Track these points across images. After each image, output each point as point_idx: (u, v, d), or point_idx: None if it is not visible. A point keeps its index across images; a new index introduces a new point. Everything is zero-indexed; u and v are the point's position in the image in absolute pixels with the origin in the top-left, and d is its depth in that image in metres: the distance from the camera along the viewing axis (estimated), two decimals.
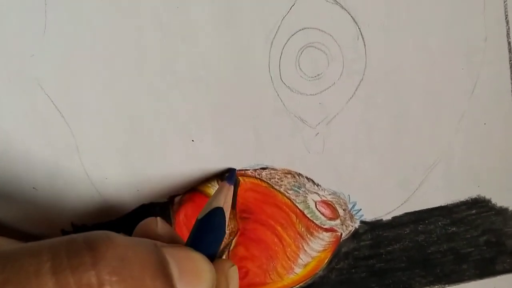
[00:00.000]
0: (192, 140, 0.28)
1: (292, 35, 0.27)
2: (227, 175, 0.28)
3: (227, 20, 0.27)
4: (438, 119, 0.29)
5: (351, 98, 0.28)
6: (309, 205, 0.30)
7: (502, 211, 0.31)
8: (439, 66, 0.28)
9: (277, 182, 0.30)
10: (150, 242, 0.19)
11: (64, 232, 0.30)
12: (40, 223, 0.30)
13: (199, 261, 0.20)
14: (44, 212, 0.29)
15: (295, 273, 0.31)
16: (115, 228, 0.29)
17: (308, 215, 0.30)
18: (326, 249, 0.31)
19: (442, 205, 0.30)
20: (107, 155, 0.28)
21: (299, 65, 0.27)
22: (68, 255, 0.17)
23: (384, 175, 0.30)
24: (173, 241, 0.23)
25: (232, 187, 0.27)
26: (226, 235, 0.30)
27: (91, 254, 0.17)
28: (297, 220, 0.30)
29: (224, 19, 0.26)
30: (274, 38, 0.27)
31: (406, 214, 0.30)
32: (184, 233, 0.30)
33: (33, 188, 0.29)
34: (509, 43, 0.28)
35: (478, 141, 0.29)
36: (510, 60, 0.28)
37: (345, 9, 0.26)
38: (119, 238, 0.18)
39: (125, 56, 0.27)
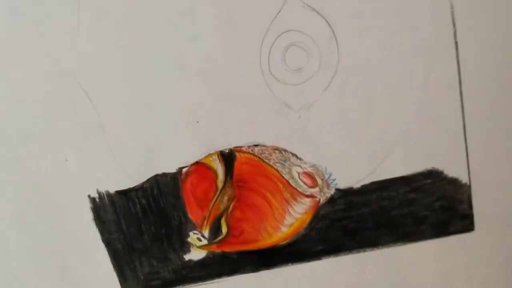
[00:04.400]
0: (197, 122, 0.35)
1: (279, 36, 0.33)
2: None
3: (227, 23, 0.33)
4: (398, 104, 0.35)
5: (327, 87, 0.34)
6: (293, 176, 0.36)
7: (453, 181, 0.37)
8: (399, 61, 0.34)
9: (267, 156, 0.36)
10: None
11: (90, 197, 0.36)
12: (70, 189, 0.36)
13: None
14: (74, 180, 0.36)
15: (282, 231, 0.37)
16: (135, 193, 0.36)
17: (293, 184, 0.36)
18: (307, 212, 0.37)
19: (403, 175, 0.36)
20: (127, 133, 0.35)
21: (284, 60, 0.33)
22: None
23: (355, 150, 0.36)
24: None
25: None
26: (225, 201, 0.37)
27: None
28: (284, 188, 0.36)
29: (224, 22, 0.33)
30: (264, 38, 0.33)
31: (373, 183, 0.37)
32: (190, 199, 0.36)
33: (66, 160, 0.35)
34: (456, 42, 0.34)
35: (431, 122, 0.35)
36: (457, 56, 0.34)
37: (321, 15, 0.33)
38: None
39: (142, 53, 0.33)
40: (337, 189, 0.37)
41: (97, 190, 0.36)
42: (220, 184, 0.36)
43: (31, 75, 0.33)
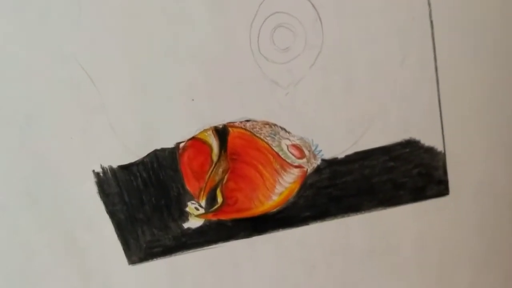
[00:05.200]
0: (192, 100, 0.37)
1: (267, 18, 0.35)
2: None
3: (217, 7, 0.35)
4: (378, 80, 0.38)
5: (312, 65, 0.37)
6: (282, 148, 0.39)
7: (429, 150, 0.40)
8: (378, 41, 0.36)
9: (258, 131, 0.39)
10: None
11: (94, 172, 0.39)
12: (75, 165, 0.38)
13: None
14: (78, 157, 0.38)
15: (272, 200, 0.40)
16: (136, 168, 0.38)
17: (282, 156, 0.39)
18: (296, 181, 0.40)
19: (383, 145, 0.40)
20: (127, 112, 0.37)
21: (273, 41, 0.36)
22: None
23: (339, 123, 0.39)
24: None
25: None
26: (220, 172, 0.39)
27: None
28: (274, 160, 0.39)
29: (215, 7, 0.35)
30: (253, 20, 0.35)
31: (355, 153, 0.40)
32: (188, 171, 0.39)
33: (70, 138, 0.37)
34: (431, 21, 0.37)
35: (409, 96, 0.38)
36: (432, 35, 0.37)
37: None
38: None
39: (139, 37, 0.35)
40: (323, 160, 0.40)
41: (101, 165, 0.38)
42: (215, 158, 0.39)
43: (35, 59, 0.35)
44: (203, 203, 0.40)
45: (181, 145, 0.38)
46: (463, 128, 0.40)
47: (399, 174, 0.41)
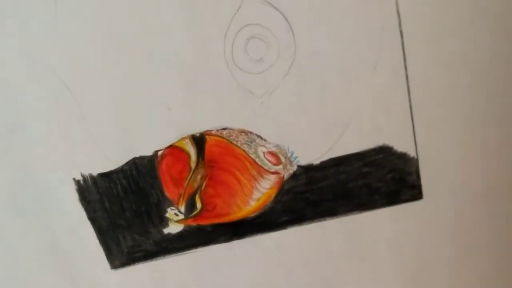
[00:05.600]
0: (170, 109, 0.38)
1: (240, 29, 0.36)
2: None
3: (193, 18, 0.36)
4: (350, 88, 0.39)
5: (286, 75, 0.38)
6: (259, 155, 0.40)
7: (403, 155, 0.41)
8: (349, 49, 0.37)
9: (234, 138, 0.40)
10: None
11: (75, 180, 0.40)
12: (57, 173, 0.39)
13: None
14: (60, 165, 0.39)
15: (250, 205, 0.41)
16: (116, 175, 0.39)
17: (259, 163, 0.40)
18: (272, 187, 0.41)
19: (357, 151, 0.41)
20: (106, 121, 0.38)
21: (246, 51, 0.37)
22: None
23: (313, 130, 0.40)
24: None
25: None
26: (198, 179, 0.40)
27: None
28: (251, 167, 0.40)
29: (189, 18, 0.36)
30: (227, 32, 0.36)
31: (331, 159, 0.40)
32: (167, 178, 0.40)
33: (51, 147, 0.38)
34: (400, 31, 0.38)
35: (381, 103, 0.39)
36: (402, 44, 0.38)
37: (278, 10, 0.36)
38: None
39: (116, 48, 0.36)
40: (299, 166, 0.41)
41: (81, 173, 0.39)
42: (193, 165, 0.40)
43: (12, 70, 0.36)
44: (182, 209, 0.41)
45: (160, 153, 0.39)
46: (435, 133, 0.41)
47: (374, 179, 0.42)
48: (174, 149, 0.39)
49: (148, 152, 0.39)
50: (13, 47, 0.35)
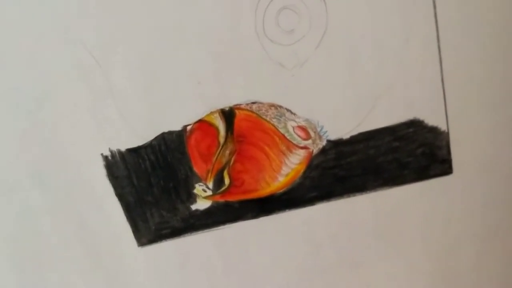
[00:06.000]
0: (199, 83, 0.38)
1: (272, 0, 0.36)
2: None
3: None
4: (381, 61, 0.38)
5: (317, 47, 0.37)
6: (288, 130, 0.40)
7: (433, 129, 0.41)
8: (382, 21, 0.37)
9: (264, 113, 0.39)
10: None
11: (103, 156, 0.39)
12: (84, 148, 0.39)
13: None
14: (88, 140, 0.39)
15: (279, 181, 0.41)
16: (144, 150, 0.39)
17: (288, 137, 0.40)
18: (301, 162, 0.41)
19: (387, 126, 0.40)
20: (134, 96, 0.37)
21: (278, 23, 0.36)
22: None
23: (343, 104, 0.39)
24: None
25: None
26: (226, 154, 0.40)
27: None
28: (280, 141, 0.40)
29: None
30: (258, 3, 0.36)
31: (360, 133, 0.40)
32: (195, 153, 0.40)
33: (79, 122, 0.38)
34: (433, 1, 0.37)
35: (412, 76, 0.39)
36: (435, 15, 0.37)
37: None
38: None
39: (146, 21, 0.36)
40: (328, 141, 0.40)
41: (109, 148, 0.39)
42: (221, 140, 0.40)
43: (42, 44, 0.36)
44: (210, 185, 0.41)
45: (188, 127, 0.39)
46: (467, 107, 0.40)
47: (404, 154, 0.41)
48: (203, 124, 0.39)
49: (177, 127, 0.39)
50: (39, 18, 0.35)
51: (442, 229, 0.44)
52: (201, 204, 0.41)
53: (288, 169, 0.40)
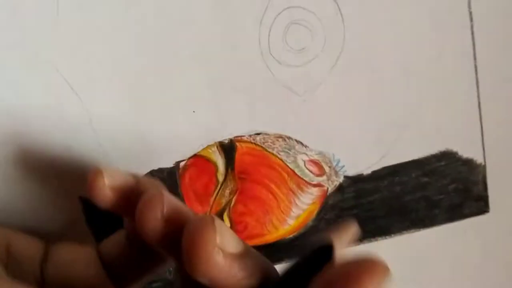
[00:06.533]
0: (193, 111, 0.32)
1: (279, 14, 0.30)
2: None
3: (222, 2, 0.30)
4: (408, 83, 0.33)
5: (332, 67, 0.32)
6: (298, 164, 0.34)
7: (468, 162, 0.35)
8: (409, 37, 0.31)
9: (270, 145, 0.33)
10: None
11: (81, 199, 0.33)
12: (59, 191, 0.33)
13: None
14: (63, 180, 0.33)
15: (288, 224, 0.35)
16: None
17: (298, 173, 0.34)
18: (315, 202, 0.35)
19: (415, 158, 0.35)
20: (118, 127, 0.32)
21: (286, 40, 0.31)
22: None
23: (364, 134, 0.34)
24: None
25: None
26: (226, 194, 0.34)
27: None
28: (289, 178, 0.34)
29: (219, 1, 0.30)
30: (263, 17, 0.30)
31: (384, 168, 0.34)
32: (190, 194, 0.34)
33: (54, 160, 0.32)
34: (470, 12, 0.32)
35: (444, 101, 0.33)
36: (472, 28, 0.32)
37: None
38: None
39: (131, 38, 0.30)
40: (345, 177, 0.34)
41: None
42: (220, 177, 0.34)
43: (10, 69, 0.30)
44: None
45: (182, 164, 0.33)
46: (506, 136, 0.35)
47: (434, 191, 0.36)
48: (198, 159, 0.33)
49: (168, 164, 0.33)
50: (12, 44, 0.29)
51: (476, 275, 0.39)
52: None
53: (299, 210, 0.35)
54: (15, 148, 0.31)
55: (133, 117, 0.32)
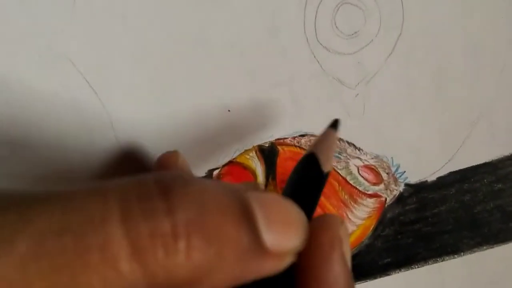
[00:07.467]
0: (229, 110, 0.27)
1: None
2: (332, 122, 0.23)
3: None
4: (478, 72, 0.28)
5: (390, 54, 0.27)
6: (351, 171, 0.29)
7: None
8: (478, 16, 0.27)
9: None
10: (231, 187, 0.17)
11: None
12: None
13: (290, 209, 0.17)
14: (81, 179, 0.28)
15: None
16: None
17: (351, 182, 0.29)
18: (370, 216, 0.30)
19: (487, 161, 0.30)
20: (142, 130, 0.27)
21: (335, 24, 0.27)
22: (140, 200, 0.14)
23: (427, 134, 0.29)
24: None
25: (337, 135, 0.22)
26: None
27: (165, 199, 0.14)
28: (340, 188, 0.29)
29: None
30: None
31: (451, 173, 0.30)
32: None
33: (71, 165, 0.28)
34: None
35: None
36: None
37: None
38: (196, 181, 0.16)
39: (156, 28, 0.26)
40: (406, 185, 0.30)
41: None
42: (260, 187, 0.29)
43: (24, 64, 0.26)
44: None
45: (215, 172, 0.29)
46: None
47: (510, 200, 0.30)
48: (234, 167, 0.28)
49: (200, 173, 0.28)
50: (17, 30, 0.25)
51: None
52: None
53: (353, 226, 0.30)
54: (27, 145, 0.27)
55: (157, 118, 0.27)
